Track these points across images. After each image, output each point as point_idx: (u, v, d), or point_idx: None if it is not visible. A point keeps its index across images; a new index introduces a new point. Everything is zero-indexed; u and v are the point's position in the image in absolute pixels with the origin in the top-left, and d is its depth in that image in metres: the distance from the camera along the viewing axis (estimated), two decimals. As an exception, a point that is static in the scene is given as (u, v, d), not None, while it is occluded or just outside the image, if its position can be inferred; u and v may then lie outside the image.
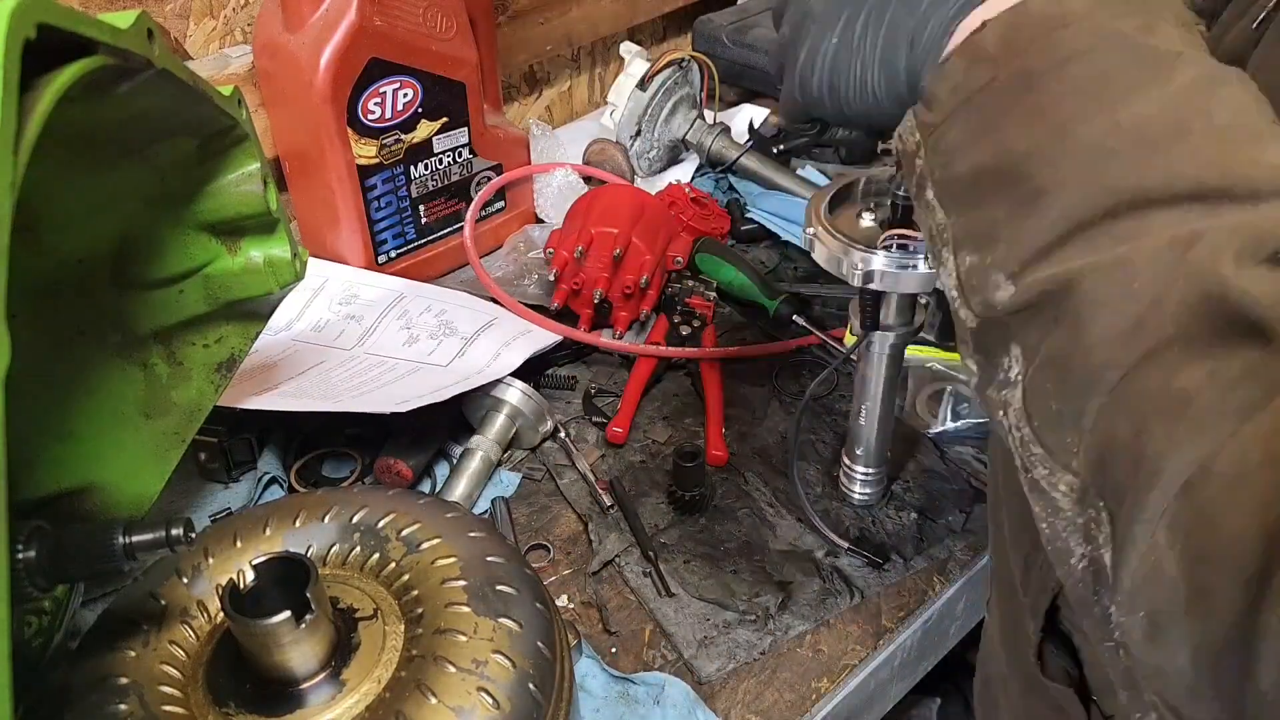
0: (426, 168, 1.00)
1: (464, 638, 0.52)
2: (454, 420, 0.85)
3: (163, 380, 0.64)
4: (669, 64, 1.16)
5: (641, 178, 1.20)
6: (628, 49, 1.20)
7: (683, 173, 1.21)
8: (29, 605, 0.57)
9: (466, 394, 0.81)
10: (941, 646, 0.81)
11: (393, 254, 1.02)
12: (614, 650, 0.69)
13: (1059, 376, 0.35)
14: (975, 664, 0.71)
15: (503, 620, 0.54)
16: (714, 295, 0.99)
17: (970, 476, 0.83)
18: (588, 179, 1.15)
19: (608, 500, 0.80)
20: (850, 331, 0.71)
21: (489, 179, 1.07)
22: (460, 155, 1.03)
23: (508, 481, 0.83)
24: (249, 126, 0.57)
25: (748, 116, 1.27)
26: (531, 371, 0.89)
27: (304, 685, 0.51)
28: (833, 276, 0.65)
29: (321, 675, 0.51)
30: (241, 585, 0.50)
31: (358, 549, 0.59)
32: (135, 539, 0.50)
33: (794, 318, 0.95)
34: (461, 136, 1.02)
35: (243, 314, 0.65)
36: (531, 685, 0.52)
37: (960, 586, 0.75)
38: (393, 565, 0.58)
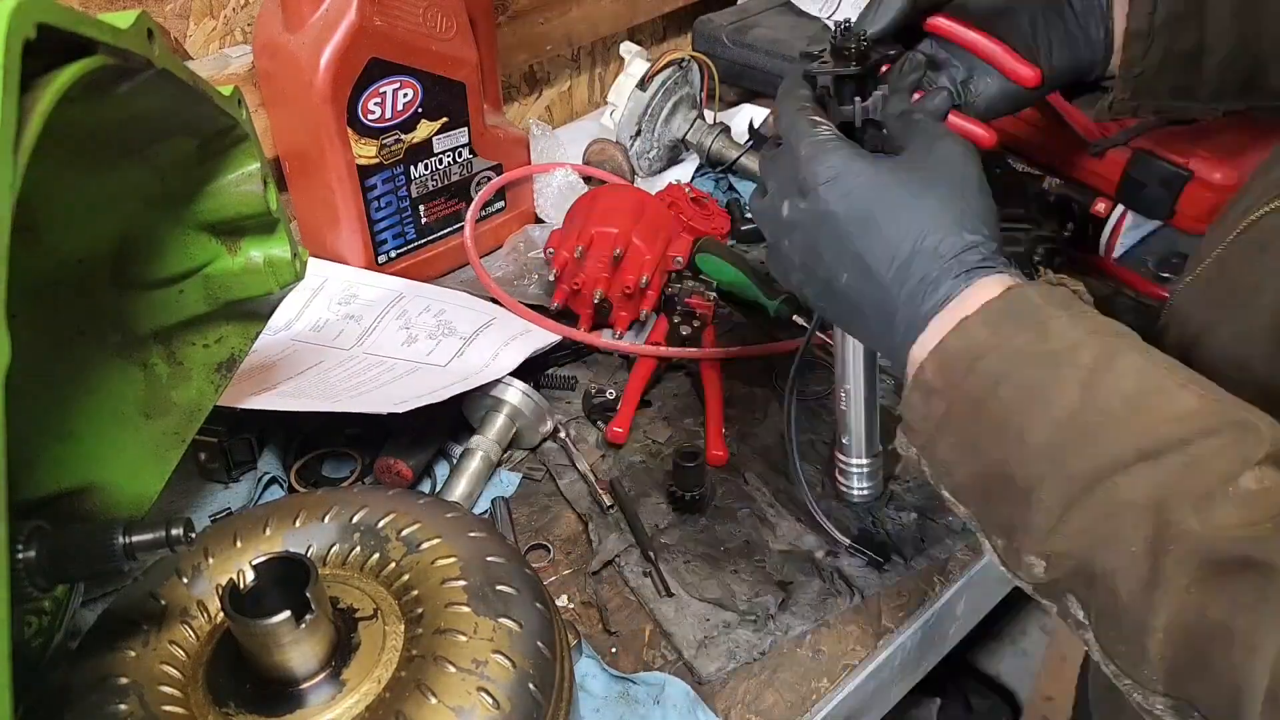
0: (426, 168, 1.00)
1: (464, 638, 0.52)
2: (454, 420, 0.85)
3: (163, 380, 0.64)
4: (669, 64, 1.16)
5: (641, 178, 1.20)
6: (628, 49, 1.20)
7: (683, 173, 1.21)
8: (29, 605, 0.57)
9: (466, 394, 0.81)
10: (941, 646, 0.81)
11: (393, 254, 1.02)
12: (614, 650, 0.69)
13: (1113, 625, 0.43)
14: (971, 663, 0.71)
15: (503, 620, 0.54)
16: (714, 295, 0.99)
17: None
18: (588, 179, 1.15)
19: (608, 500, 0.80)
20: None
21: (489, 179, 1.07)
22: (460, 155, 1.03)
23: (508, 481, 0.83)
24: (249, 126, 0.57)
25: (748, 116, 1.27)
26: (531, 371, 0.89)
27: (304, 685, 0.51)
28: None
29: (321, 675, 0.51)
30: (241, 585, 0.50)
31: (358, 549, 0.59)
32: (135, 539, 0.50)
33: (794, 318, 0.95)
34: (461, 136, 1.02)
35: (243, 314, 0.65)
36: (531, 685, 0.52)
37: (960, 586, 0.75)
38: (393, 565, 0.58)
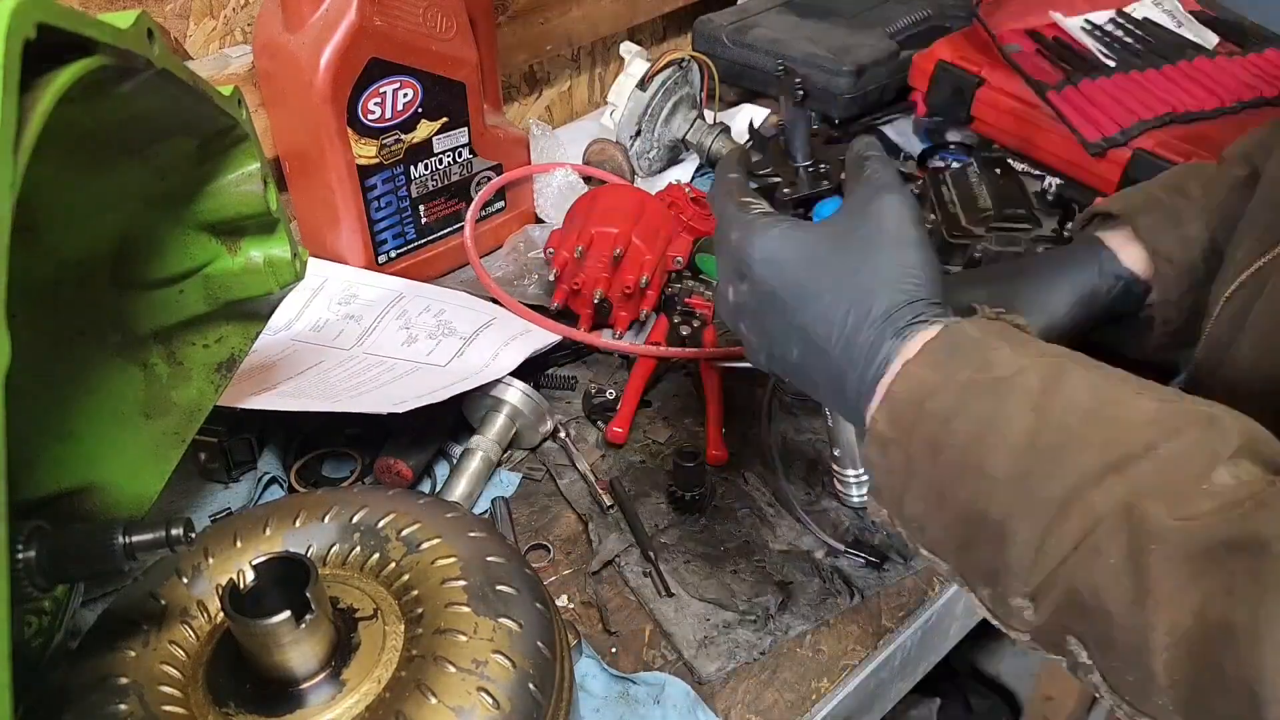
0: (426, 168, 1.00)
1: (464, 638, 0.52)
2: (454, 420, 0.85)
3: (163, 380, 0.64)
4: (669, 64, 1.16)
5: (641, 178, 1.20)
6: (628, 49, 1.20)
7: (683, 173, 1.21)
8: (29, 605, 0.57)
9: (466, 394, 0.81)
10: (941, 646, 0.81)
11: (393, 254, 1.02)
12: (614, 650, 0.69)
13: (1114, 653, 0.41)
14: (972, 663, 0.71)
15: (503, 620, 0.54)
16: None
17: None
18: (588, 179, 1.15)
19: (608, 500, 0.80)
20: None
21: (489, 179, 1.07)
22: (460, 155, 1.03)
23: (508, 481, 0.83)
24: (249, 126, 0.57)
25: (748, 116, 1.27)
26: (531, 371, 0.89)
27: (304, 685, 0.51)
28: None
29: (321, 675, 0.51)
30: (241, 585, 0.50)
31: (358, 549, 0.59)
32: (135, 539, 0.50)
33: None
34: (461, 136, 1.02)
35: (243, 314, 0.65)
36: (531, 685, 0.52)
37: (960, 587, 0.75)
38: (393, 565, 0.58)
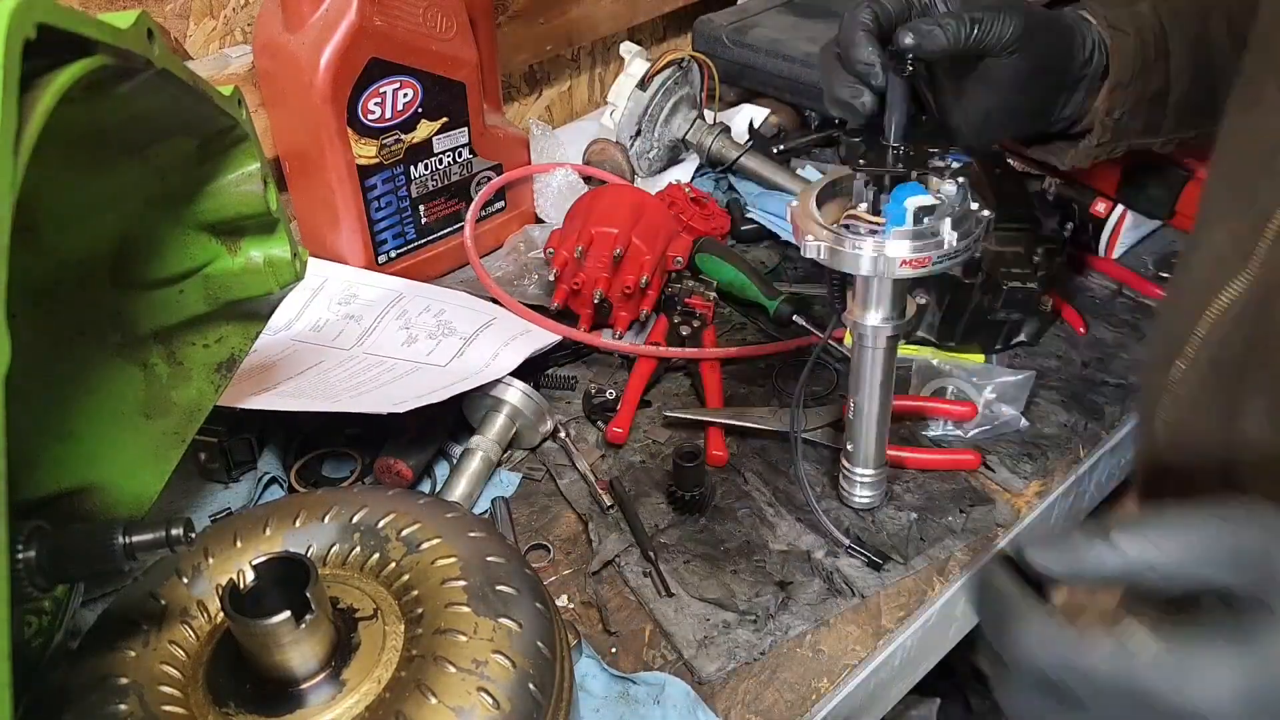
0: (426, 168, 1.00)
1: (464, 638, 0.52)
2: (454, 420, 0.85)
3: (163, 380, 0.64)
4: (669, 64, 1.16)
5: (641, 178, 1.20)
6: (628, 49, 1.20)
7: (683, 173, 1.21)
8: (29, 605, 0.57)
9: (466, 394, 0.81)
10: (941, 647, 0.81)
11: (393, 254, 1.02)
12: (614, 650, 0.69)
13: None
14: (972, 663, 0.70)
15: (503, 620, 0.54)
16: (714, 295, 0.99)
17: (969, 476, 0.83)
18: (588, 179, 1.15)
19: (608, 500, 0.80)
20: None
21: (489, 179, 1.07)
22: (460, 155, 1.03)
23: (508, 481, 0.83)
24: (249, 126, 0.57)
25: (748, 116, 1.27)
26: (531, 371, 0.89)
27: (304, 685, 0.51)
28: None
29: (321, 675, 0.51)
30: (241, 585, 0.50)
31: (358, 549, 0.59)
32: (135, 539, 0.50)
33: (794, 318, 0.96)
34: (461, 136, 1.02)
35: (243, 314, 0.65)
36: (531, 685, 0.52)
37: (960, 586, 0.75)
38: (393, 565, 0.58)
